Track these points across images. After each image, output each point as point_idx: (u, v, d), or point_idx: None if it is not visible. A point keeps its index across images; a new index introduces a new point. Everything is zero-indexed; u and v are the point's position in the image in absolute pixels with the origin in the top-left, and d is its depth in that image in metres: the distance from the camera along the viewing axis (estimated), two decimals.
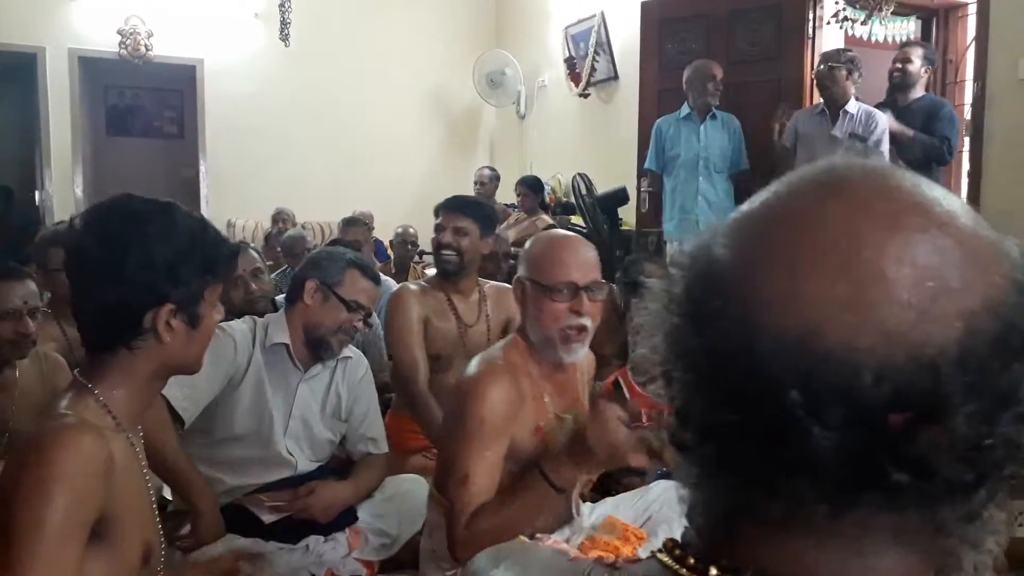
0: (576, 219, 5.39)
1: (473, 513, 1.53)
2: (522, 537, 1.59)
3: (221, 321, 1.31)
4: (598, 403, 1.51)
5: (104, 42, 6.68)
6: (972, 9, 3.91)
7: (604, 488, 2.13)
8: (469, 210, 2.74)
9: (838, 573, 0.44)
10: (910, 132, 3.80)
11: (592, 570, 0.54)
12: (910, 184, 0.44)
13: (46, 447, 1.04)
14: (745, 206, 0.48)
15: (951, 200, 0.44)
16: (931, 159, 3.77)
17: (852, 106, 3.94)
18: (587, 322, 1.62)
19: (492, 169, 6.45)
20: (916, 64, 3.94)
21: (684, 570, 0.48)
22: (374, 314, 3.24)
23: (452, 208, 2.74)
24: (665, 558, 0.49)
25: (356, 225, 3.98)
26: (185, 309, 1.17)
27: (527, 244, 1.74)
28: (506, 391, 1.58)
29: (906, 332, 0.40)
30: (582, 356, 1.72)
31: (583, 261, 1.64)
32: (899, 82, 3.98)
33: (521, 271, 1.68)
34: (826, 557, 0.44)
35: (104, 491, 1.07)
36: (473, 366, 1.67)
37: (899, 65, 3.96)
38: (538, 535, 1.45)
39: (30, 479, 1.02)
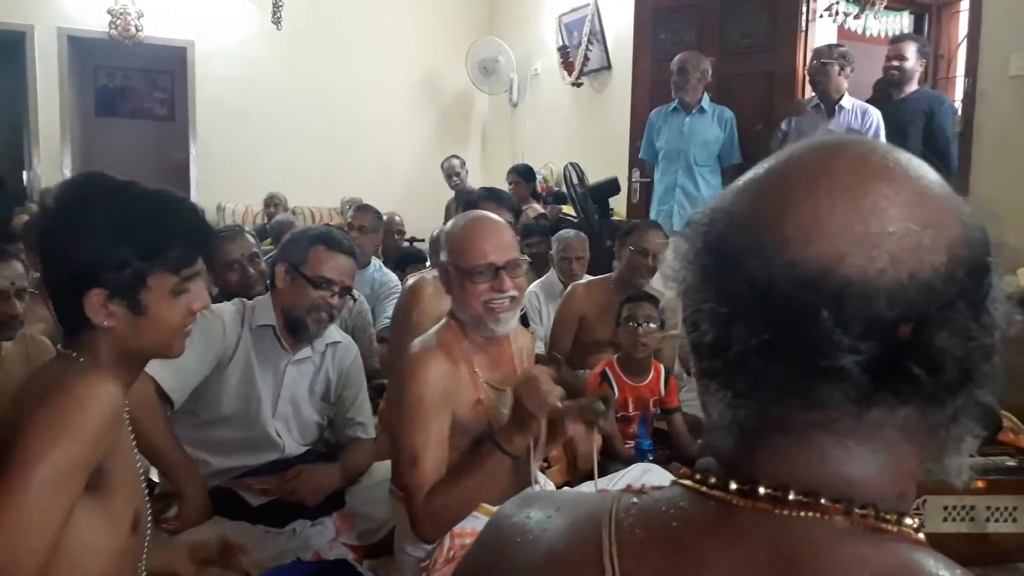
0: (567, 209, 5.39)
1: (430, 490, 1.58)
2: (485, 505, 1.63)
3: (203, 308, 1.26)
4: (526, 368, 1.62)
5: (94, 22, 6.62)
6: (965, 5, 3.92)
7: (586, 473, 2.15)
8: (505, 203, 2.81)
9: (849, 470, 0.52)
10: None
11: (621, 497, 0.59)
12: (890, 149, 0.54)
13: (69, 385, 1.04)
14: (749, 174, 0.56)
15: (921, 162, 0.54)
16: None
17: (847, 101, 3.97)
18: (513, 293, 1.69)
19: (459, 157, 6.29)
20: (911, 60, 3.94)
21: (704, 488, 0.55)
22: (361, 299, 3.24)
23: (498, 201, 2.80)
24: (687, 481, 0.56)
25: (365, 212, 3.95)
26: (121, 295, 1.12)
27: (447, 227, 1.80)
28: (439, 368, 1.64)
29: (907, 258, 0.48)
30: (514, 326, 1.77)
31: (498, 243, 1.70)
32: (896, 79, 3.98)
33: (443, 256, 1.74)
34: (843, 455, 0.52)
35: (111, 440, 1.07)
36: (409, 351, 1.72)
37: (895, 62, 3.95)
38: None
39: (48, 413, 1.01)
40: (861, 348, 0.48)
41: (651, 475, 2.00)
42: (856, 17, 4.24)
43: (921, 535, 0.53)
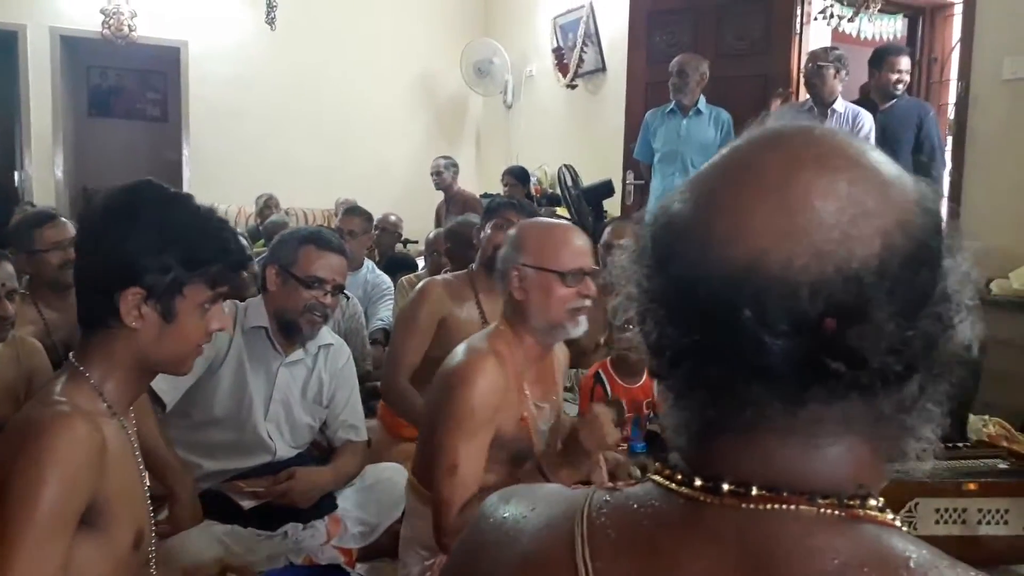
0: (561, 210, 5.39)
1: (467, 503, 1.53)
2: None
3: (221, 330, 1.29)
4: (591, 407, 1.59)
5: (87, 21, 6.59)
6: (958, 9, 3.93)
7: None
8: (526, 211, 2.81)
9: (801, 465, 0.51)
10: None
11: (594, 494, 0.59)
12: (832, 135, 0.52)
13: (41, 434, 1.04)
14: (699, 170, 0.56)
15: (864, 146, 0.52)
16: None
17: (840, 105, 3.98)
18: (590, 301, 1.69)
19: (446, 158, 6.23)
20: (907, 72, 3.98)
21: (673, 484, 0.54)
22: (354, 300, 3.24)
23: (519, 209, 2.80)
24: (657, 478, 0.56)
25: (352, 215, 3.93)
26: (158, 298, 1.14)
27: (519, 231, 1.74)
28: (494, 379, 1.60)
29: (833, 251, 0.47)
30: (586, 327, 1.74)
31: (588, 247, 1.71)
32: (901, 92, 3.97)
33: (521, 258, 1.67)
34: (789, 452, 0.51)
35: (96, 479, 1.07)
36: (460, 354, 1.67)
37: (894, 76, 3.93)
38: None
39: (24, 464, 1.02)
40: (785, 345, 0.48)
41: None
42: (850, 20, 4.26)
43: (889, 515, 0.52)
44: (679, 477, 0.54)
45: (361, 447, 2.22)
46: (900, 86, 3.99)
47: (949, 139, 3.78)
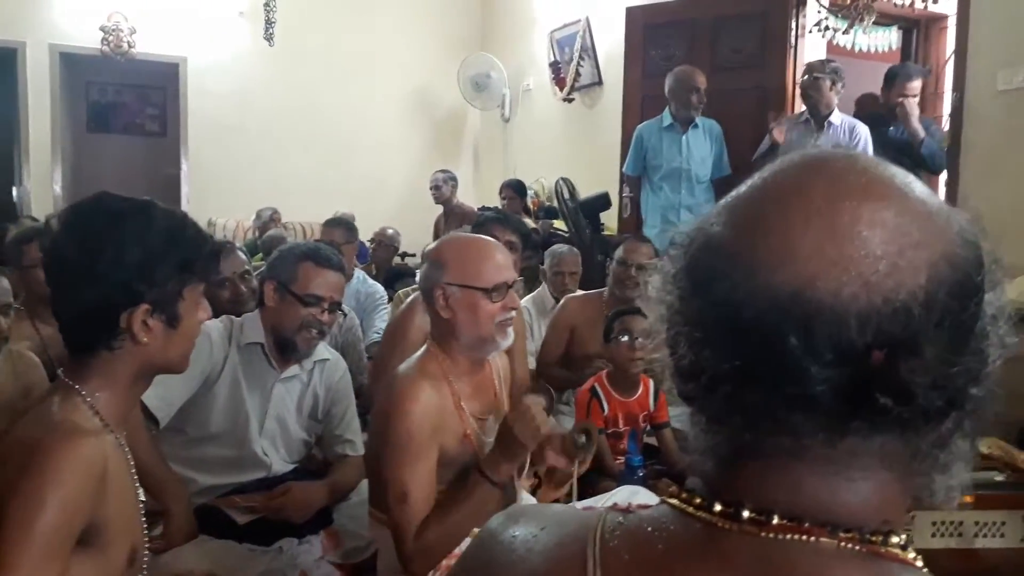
0: (559, 223, 5.39)
1: (420, 526, 1.55)
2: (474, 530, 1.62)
3: (208, 319, 1.29)
4: (523, 398, 1.59)
5: (86, 38, 6.62)
6: (952, 21, 3.95)
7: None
8: (512, 224, 2.81)
9: (828, 496, 0.50)
10: (922, 134, 3.78)
11: (607, 515, 0.58)
12: (875, 164, 0.52)
13: (46, 455, 1.03)
14: (733, 192, 0.55)
15: (907, 176, 0.52)
16: (933, 166, 3.80)
17: (836, 117, 3.99)
18: (516, 307, 1.73)
19: (444, 171, 6.24)
20: (916, 96, 3.96)
21: (691, 508, 0.53)
22: (351, 315, 3.23)
23: (504, 223, 2.81)
24: (674, 501, 0.55)
25: (334, 226, 3.91)
26: (162, 309, 1.15)
27: (439, 249, 1.74)
28: (427, 401, 1.60)
29: (881, 281, 0.47)
30: (511, 340, 1.75)
31: (508, 261, 1.72)
32: (916, 112, 3.95)
33: (444, 277, 1.66)
34: (819, 483, 0.50)
35: (96, 500, 1.07)
36: (391, 383, 1.67)
37: (911, 97, 3.91)
38: None
39: (26, 486, 1.02)
40: (831, 375, 0.47)
41: (639, 497, 1.99)
42: (845, 32, 4.27)
43: (911, 554, 0.51)
44: (697, 501, 0.53)
45: (357, 461, 2.21)
46: (909, 106, 3.94)
47: (944, 150, 3.78)
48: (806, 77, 4.01)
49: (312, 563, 1.96)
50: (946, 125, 3.77)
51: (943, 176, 3.74)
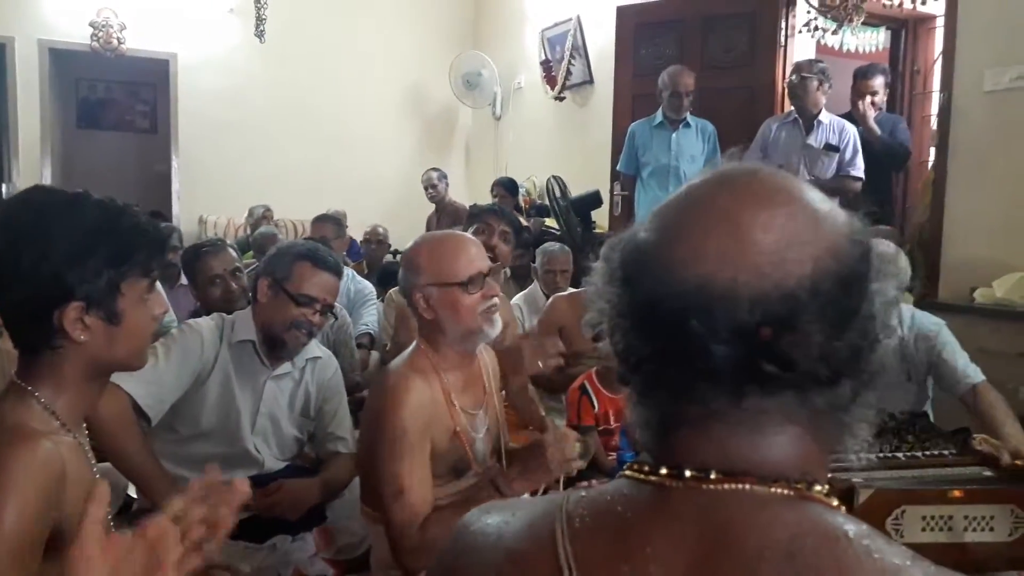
0: (550, 221, 5.41)
1: (426, 520, 1.55)
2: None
3: (163, 315, 1.24)
4: (559, 430, 1.62)
5: (76, 34, 6.59)
6: (941, 22, 3.98)
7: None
8: (506, 217, 2.81)
9: (750, 452, 0.59)
10: (878, 132, 3.99)
11: (571, 494, 0.66)
12: (774, 176, 0.62)
13: (1, 462, 1.00)
14: (663, 202, 0.65)
15: (803, 186, 0.62)
16: (892, 163, 4.04)
17: (824, 116, 4.03)
18: (499, 294, 1.73)
19: (437, 170, 6.24)
20: (881, 91, 4.18)
21: (641, 475, 0.62)
22: (343, 313, 3.23)
23: (499, 214, 2.80)
24: (629, 472, 0.64)
25: (323, 222, 3.91)
26: (98, 305, 1.09)
27: (411, 253, 1.75)
28: (419, 396, 1.62)
29: (771, 272, 0.56)
30: (499, 328, 1.76)
31: (479, 251, 1.73)
32: (872, 113, 4.16)
33: (420, 280, 1.68)
34: (739, 441, 0.59)
35: (56, 504, 1.04)
36: (383, 380, 1.69)
37: (869, 98, 4.13)
38: None
39: None
40: (728, 351, 0.56)
41: None
42: (834, 33, 4.30)
43: (834, 501, 0.59)
44: (647, 468, 0.62)
45: (350, 459, 2.21)
46: (877, 111, 4.19)
47: (932, 150, 3.83)
48: (794, 77, 4.04)
49: (305, 560, 1.97)
50: (934, 125, 3.81)
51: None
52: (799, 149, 4.04)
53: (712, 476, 0.58)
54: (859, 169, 4.02)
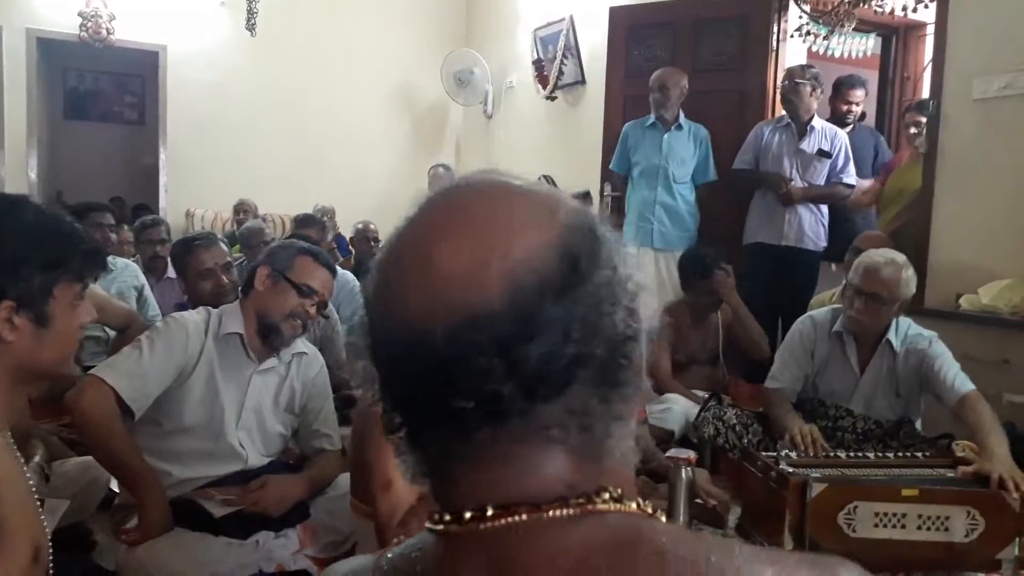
0: None
1: (407, 514, 1.57)
2: None
3: (90, 322, 1.26)
4: None
5: (64, 24, 6.53)
6: (931, 29, 4.00)
7: None
8: None
9: (508, 480, 0.56)
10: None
11: (387, 552, 0.64)
12: (474, 193, 0.60)
13: None
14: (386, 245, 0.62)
15: (501, 198, 0.59)
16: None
17: (817, 122, 4.06)
18: None
19: (443, 166, 6.26)
20: (861, 103, 4.41)
21: (440, 526, 0.58)
22: (332, 308, 3.22)
23: None
24: (428, 524, 0.60)
25: (308, 225, 3.93)
26: (29, 306, 1.12)
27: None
28: None
29: (456, 297, 0.53)
30: None
31: None
32: (851, 122, 4.37)
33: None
34: (504, 472, 0.56)
35: None
36: None
37: (845, 107, 4.38)
38: None
39: None
40: (424, 393, 0.54)
41: None
42: (825, 38, 4.32)
43: (633, 504, 0.56)
44: (435, 518, 0.59)
45: (335, 456, 2.21)
46: (850, 116, 4.39)
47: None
48: (787, 83, 4.06)
49: (289, 556, 1.96)
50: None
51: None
52: (792, 154, 4.06)
53: (489, 513, 0.55)
54: (851, 176, 4.06)
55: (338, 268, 3.93)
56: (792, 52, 4.56)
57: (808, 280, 4.05)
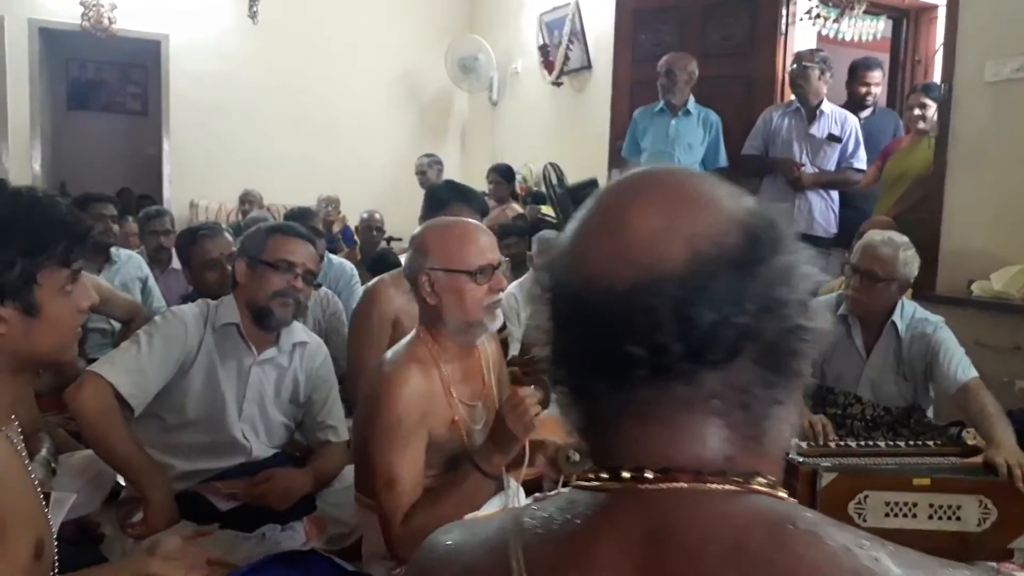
0: (546, 209, 5.37)
1: (408, 511, 1.55)
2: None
3: (89, 307, 1.21)
4: (516, 390, 1.59)
5: (66, 13, 6.50)
6: (942, 12, 3.95)
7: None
8: (475, 203, 2.73)
9: (677, 449, 0.59)
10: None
11: (525, 507, 0.67)
12: (668, 171, 0.65)
13: None
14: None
15: (690, 175, 0.64)
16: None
17: (827, 106, 4.01)
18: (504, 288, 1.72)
19: (430, 155, 6.18)
20: (878, 84, 4.31)
21: (583, 482, 0.62)
22: (335, 299, 3.20)
23: (468, 201, 2.73)
24: (575, 481, 0.65)
25: (301, 221, 3.92)
26: (13, 296, 1.08)
27: (422, 235, 1.73)
28: (417, 385, 1.60)
29: (642, 256, 0.57)
30: (499, 323, 1.75)
31: (492, 242, 1.71)
32: (868, 103, 4.28)
33: (428, 263, 1.65)
34: (664, 439, 0.59)
35: None
36: (379, 368, 1.67)
37: (862, 89, 4.27)
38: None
39: None
40: (610, 346, 0.57)
41: None
42: (835, 21, 4.27)
43: (781, 492, 0.59)
44: (589, 475, 0.62)
45: (340, 448, 2.19)
46: (869, 98, 4.30)
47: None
48: (795, 67, 4.02)
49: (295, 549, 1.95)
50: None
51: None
52: (802, 138, 4.02)
53: (648, 476, 0.58)
54: (861, 161, 4.01)
55: (337, 258, 3.93)
56: (801, 36, 4.51)
57: (818, 267, 4.02)
